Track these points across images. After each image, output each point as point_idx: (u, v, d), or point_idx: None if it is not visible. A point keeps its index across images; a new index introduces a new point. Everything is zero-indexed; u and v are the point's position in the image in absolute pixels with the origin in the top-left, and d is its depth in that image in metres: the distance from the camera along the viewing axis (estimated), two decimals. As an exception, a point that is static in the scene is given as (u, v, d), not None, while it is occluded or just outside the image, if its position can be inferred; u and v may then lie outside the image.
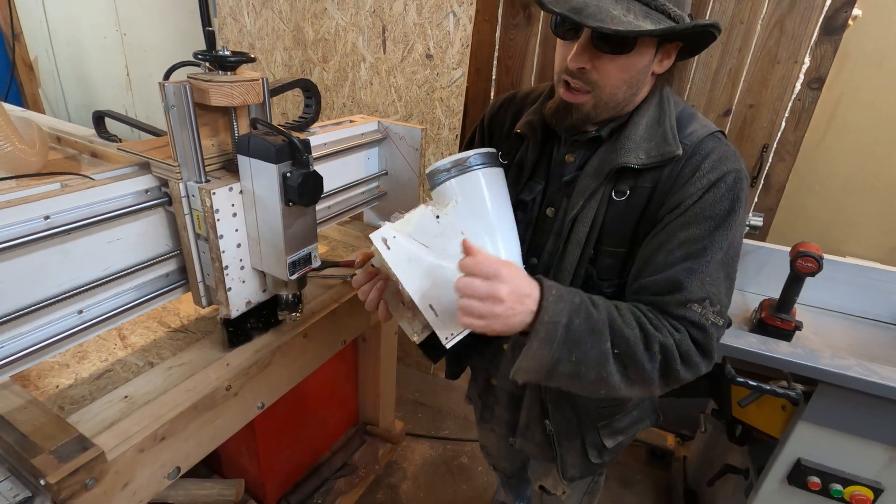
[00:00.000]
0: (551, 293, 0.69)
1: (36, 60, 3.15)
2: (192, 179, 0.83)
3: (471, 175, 0.82)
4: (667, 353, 0.71)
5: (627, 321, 0.72)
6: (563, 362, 0.70)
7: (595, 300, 0.73)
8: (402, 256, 0.73)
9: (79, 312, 0.81)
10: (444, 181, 0.81)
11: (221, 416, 0.92)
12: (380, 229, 0.73)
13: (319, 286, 1.23)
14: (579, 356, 0.69)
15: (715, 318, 0.74)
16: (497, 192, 0.85)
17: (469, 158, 0.82)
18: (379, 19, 1.84)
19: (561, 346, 0.69)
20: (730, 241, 0.75)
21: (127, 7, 2.63)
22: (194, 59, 0.82)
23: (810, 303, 1.49)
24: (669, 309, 0.74)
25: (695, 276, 0.74)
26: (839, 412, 1.14)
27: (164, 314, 1.09)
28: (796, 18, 1.47)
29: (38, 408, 0.78)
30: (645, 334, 0.71)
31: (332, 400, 1.68)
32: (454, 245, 0.77)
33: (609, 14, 0.67)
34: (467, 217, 0.80)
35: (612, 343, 0.70)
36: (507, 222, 0.86)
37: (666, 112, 0.80)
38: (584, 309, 0.70)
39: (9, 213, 0.68)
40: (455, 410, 2.20)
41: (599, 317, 0.70)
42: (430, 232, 0.78)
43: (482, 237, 0.81)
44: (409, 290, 0.73)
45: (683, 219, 0.76)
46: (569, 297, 0.70)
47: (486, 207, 0.83)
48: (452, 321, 0.75)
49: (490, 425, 1.21)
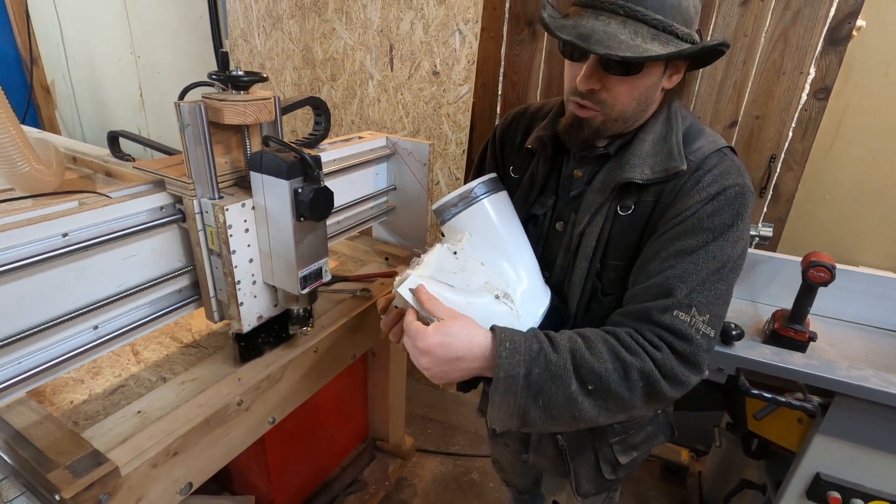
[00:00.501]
0: (505, 347, 0.70)
1: (53, 84, 3.23)
2: (205, 196, 0.84)
3: (478, 205, 0.84)
4: (648, 377, 0.70)
5: (598, 354, 0.71)
6: (531, 409, 0.71)
7: (557, 342, 0.72)
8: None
9: (94, 328, 0.82)
10: (454, 216, 0.84)
11: (233, 431, 0.92)
12: (406, 280, 0.74)
13: (330, 300, 1.23)
14: (546, 401, 0.70)
15: (704, 328, 0.72)
16: (506, 216, 0.87)
17: (473, 189, 0.84)
18: (386, 38, 1.87)
19: (524, 395, 0.70)
20: (728, 255, 0.74)
21: (141, 30, 2.71)
22: (209, 79, 0.84)
23: (823, 313, 1.47)
24: (653, 316, 0.73)
25: (684, 283, 0.73)
26: (858, 424, 1.12)
27: (176, 329, 1.10)
28: (800, 30, 1.48)
29: (53, 423, 0.79)
30: (621, 364, 0.70)
31: (342, 415, 1.68)
32: (477, 278, 0.80)
33: (617, 39, 0.68)
34: (482, 247, 0.83)
35: (580, 382, 0.70)
36: (520, 243, 0.87)
37: (673, 128, 0.81)
38: (542, 357, 0.70)
39: (29, 231, 0.70)
40: (465, 425, 2.18)
41: (559, 361, 0.70)
42: (451, 269, 0.80)
43: (500, 263, 0.83)
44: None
45: (680, 228, 0.75)
46: (526, 347, 0.70)
47: (498, 234, 0.85)
48: None
49: (503, 440, 1.20)
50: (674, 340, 0.72)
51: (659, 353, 0.71)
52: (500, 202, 0.87)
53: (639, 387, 0.71)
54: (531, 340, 0.71)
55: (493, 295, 0.80)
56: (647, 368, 0.70)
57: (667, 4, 0.70)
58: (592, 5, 0.71)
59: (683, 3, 0.71)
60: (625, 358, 0.70)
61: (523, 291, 0.83)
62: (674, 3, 0.70)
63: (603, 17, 0.70)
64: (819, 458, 1.19)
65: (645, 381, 0.70)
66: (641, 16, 0.69)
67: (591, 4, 0.72)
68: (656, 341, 0.72)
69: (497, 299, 0.80)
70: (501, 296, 0.80)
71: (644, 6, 0.69)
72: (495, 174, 0.90)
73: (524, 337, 0.72)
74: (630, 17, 0.69)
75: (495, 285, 0.81)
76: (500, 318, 0.78)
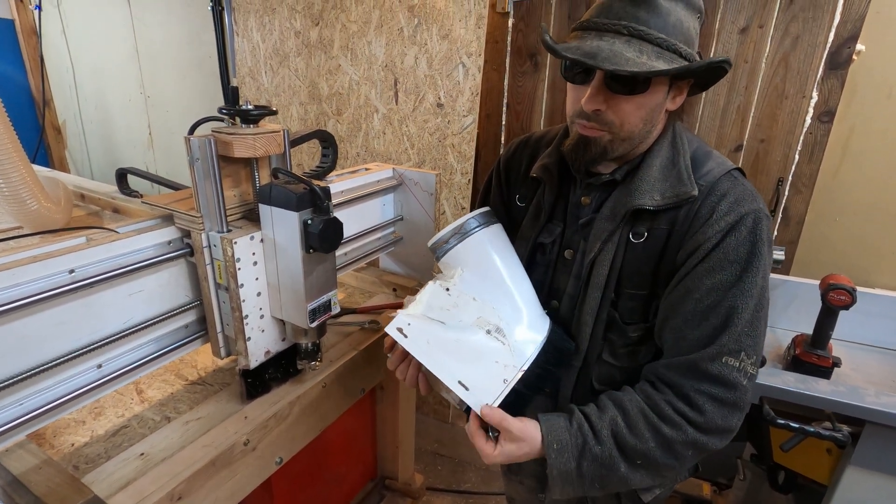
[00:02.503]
0: (553, 448, 0.74)
1: (64, 124, 3.31)
2: (214, 229, 0.83)
3: (471, 239, 0.84)
4: (693, 444, 0.73)
5: (639, 433, 0.74)
6: (589, 490, 0.77)
7: (599, 431, 0.75)
8: (421, 341, 0.74)
9: (98, 367, 0.80)
10: (447, 252, 0.84)
11: (239, 472, 0.89)
12: (394, 319, 0.74)
13: (337, 334, 1.21)
14: (601, 484, 0.76)
15: (752, 369, 0.73)
16: (500, 248, 0.86)
17: (466, 223, 0.84)
18: (391, 73, 1.91)
19: (580, 483, 0.75)
20: (760, 286, 0.73)
21: (151, 70, 2.78)
22: (219, 113, 0.85)
23: (845, 337, 1.43)
24: (701, 366, 0.73)
25: (730, 328, 0.73)
26: (892, 455, 1.07)
27: (181, 366, 1.08)
28: (800, 55, 1.50)
29: (52, 468, 0.75)
30: (662, 440, 0.73)
31: (350, 452, 1.62)
32: (469, 314, 0.79)
33: (623, 56, 0.68)
34: (475, 281, 0.82)
35: (628, 463, 0.75)
36: (516, 276, 0.86)
37: (680, 151, 0.80)
38: (587, 451, 0.74)
39: (35, 268, 0.69)
40: (477, 461, 2.11)
41: (604, 452, 0.74)
42: (443, 306, 0.79)
43: (495, 296, 0.82)
44: (435, 373, 0.73)
45: (707, 264, 0.74)
46: (571, 444, 0.75)
47: (491, 267, 0.84)
48: (485, 390, 0.75)
49: (518, 477, 1.15)
50: (720, 392, 0.73)
51: (701, 417, 0.73)
52: (493, 235, 0.86)
53: (686, 455, 0.74)
54: (576, 435, 0.75)
55: (485, 330, 0.79)
56: (691, 439, 0.73)
57: (669, 24, 0.70)
58: (595, 27, 0.72)
59: (685, 24, 0.72)
60: (665, 434, 0.73)
61: (517, 326, 0.82)
62: (676, 24, 0.70)
63: (607, 38, 0.70)
64: (852, 491, 1.13)
65: (691, 448, 0.74)
66: (645, 34, 0.69)
67: (593, 27, 0.72)
68: (698, 403, 0.73)
69: (489, 334, 0.79)
70: (493, 331, 0.79)
71: (647, 26, 0.69)
72: (488, 208, 0.90)
73: (569, 433, 0.75)
74: (634, 37, 0.69)
75: (487, 320, 0.80)
76: (492, 354, 0.78)
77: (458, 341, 0.76)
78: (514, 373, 0.78)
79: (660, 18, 0.69)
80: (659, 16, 0.69)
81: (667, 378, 0.76)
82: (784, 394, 1.10)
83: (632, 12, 0.69)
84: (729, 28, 1.55)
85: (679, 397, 0.74)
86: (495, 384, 0.76)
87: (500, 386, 0.76)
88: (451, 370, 0.74)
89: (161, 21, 2.63)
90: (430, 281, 0.82)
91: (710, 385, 0.72)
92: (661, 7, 0.69)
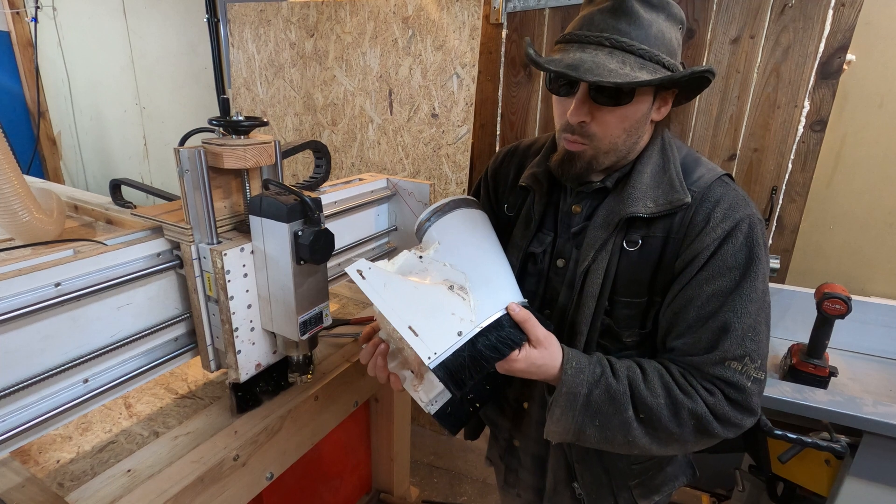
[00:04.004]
0: (571, 366, 0.74)
1: (59, 135, 3.30)
2: (203, 241, 0.83)
3: (448, 216, 0.85)
4: (700, 418, 0.72)
5: (653, 387, 0.74)
6: (587, 426, 0.75)
7: (617, 369, 0.75)
8: (377, 283, 0.73)
9: (84, 381, 0.78)
10: (427, 229, 0.84)
11: (228, 488, 0.87)
12: (356, 262, 0.74)
13: (330, 345, 1.20)
14: (602, 422, 0.74)
15: (756, 373, 0.73)
16: (477, 229, 0.86)
17: (447, 203, 0.86)
18: (385, 83, 1.91)
19: (582, 413, 0.74)
20: (759, 289, 0.74)
21: (147, 82, 2.79)
22: (209, 125, 0.84)
23: (841, 346, 1.42)
24: (706, 369, 0.74)
25: (731, 332, 0.73)
26: (891, 465, 1.05)
27: (171, 380, 1.06)
28: (791, 66, 1.51)
29: (36, 486, 0.74)
30: (672, 401, 0.73)
31: (344, 466, 1.60)
32: (436, 276, 0.78)
33: (606, 68, 0.68)
34: (449, 253, 0.81)
35: (635, 410, 0.73)
36: (494, 256, 0.85)
37: (670, 158, 0.80)
38: (603, 380, 0.74)
39: (20, 282, 0.68)
40: (473, 473, 2.09)
41: (619, 387, 0.74)
42: (413, 270, 0.78)
43: (466, 267, 0.80)
44: (384, 313, 0.70)
45: (706, 272, 0.75)
46: (589, 369, 0.74)
47: (467, 242, 0.84)
48: (436, 340, 0.70)
49: (515, 490, 1.13)
50: (727, 389, 0.73)
51: (712, 397, 0.73)
52: (471, 215, 0.87)
53: (689, 425, 0.73)
54: (595, 364, 0.75)
55: (448, 286, 0.76)
56: (699, 411, 0.72)
57: (651, 36, 0.70)
58: (578, 40, 0.72)
59: (667, 35, 0.72)
60: (677, 396, 0.73)
61: (483, 288, 0.78)
62: (657, 35, 0.71)
63: (590, 50, 0.70)
64: (851, 503, 1.12)
65: (696, 421, 0.73)
66: (628, 46, 0.69)
67: (576, 39, 0.72)
68: (710, 387, 0.74)
69: (451, 290, 0.76)
70: (456, 287, 0.77)
71: (629, 37, 0.69)
72: (474, 197, 0.91)
73: (588, 360, 0.76)
74: (616, 48, 0.69)
75: (453, 280, 0.78)
76: (450, 307, 0.74)
77: (416, 288, 0.74)
78: (470, 327, 0.73)
79: (641, 30, 0.70)
80: (640, 27, 0.70)
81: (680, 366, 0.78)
82: (781, 404, 1.09)
83: (613, 24, 0.70)
84: (721, 38, 1.56)
85: (694, 377, 0.75)
86: (448, 335, 0.71)
87: (452, 338, 0.71)
88: (403, 315, 0.70)
89: (157, 33, 2.64)
90: (405, 249, 0.81)
91: (717, 383, 0.74)
92: (643, 19, 0.70)
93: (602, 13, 0.71)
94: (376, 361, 0.80)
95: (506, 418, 1.02)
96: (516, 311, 0.74)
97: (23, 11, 3.00)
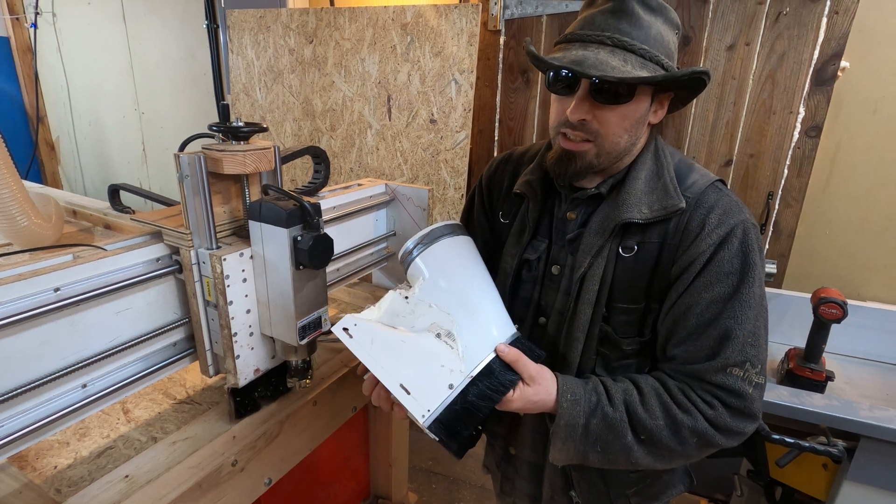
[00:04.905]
0: (566, 398, 0.75)
1: (58, 140, 3.31)
2: (203, 246, 0.83)
3: (434, 247, 0.83)
4: (701, 434, 0.73)
5: (651, 409, 0.74)
6: (590, 453, 0.76)
7: (613, 395, 0.76)
8: (364, 341, 0.72)
9: (83, 386, 0.78)
10: (412, 261, 0.83)
11: (227, 494, 0.87)
12: (341, 320, 0.73)
13: (329, 350, 1.20)
14: (604, 447, 0.75)
15: (757, 378, 0.74)
16: (464, 257, 0.85)
17: (431, 232, 0.84)
18: (384, 89, 1.93)
19: (583, 442, 0.75)
20: (757, 295, 0.74)
21: (146, 87, 2.79)
22: (209, 130, 0.85)
23: (837, 350, 1.43)
24: (708, 377, 0.74)
25: (732, 339, 0.73)
26: (887, 469, 1.06)
27: (169, 385, 1.06)
28: (786, 72, 1.52)
29: (33, 492, 0.74)
30: (672, 420, 0.73)
31: (342, 472, 1.59)
32: (424, 320, 0.77)
33: (609, 65, 0.69)
34: (435, 290, 0.80)
35: (634, 434, 0.74)
36: (478, 285, 0.84)
37: (664, 164, 0.81)
38: (600, 409, 0.75)
39: (19, 287, 0.68)
40: (471, 479, 2.08)
41: (615, 415, 0.74)
42: (400, 313, 0.78)
43: (451, 303, 0.80)
44: (374, 373, 0.71)
45: (703, 279, 0.75)
46: (585, 399, 0.75)
47: (453, 275, 0.82)
48: (428, 395, 0.71)
49: (511, 498, 1.13)
50: (727, 398, 0.73)
51: (712, 410, 0.73)
52: (458, 244, 0.85)
53: (692, 442, 0.73)
54: (590, 392, 0.76)
55: (435, 334, 0.77)
56: (700, 427, 0.73)
57: (651, 37, 0.72)
58: (580, 39, 0.73)
59: (665, 38, 0.74)
60: (676, 415, 0.73)
61: (471, 331, 0.79)
62: (657, 37, 0.72)
63: (592, 48, 0.71)
64: (850, 507, 1.12)
65: (698, 438, 0.73)
66: (629, 45, 0.71)
67: (577, 38, 0.73)
68: (709, 399, 0.74)
69: (438, 338, 0.76)
70: (444, 335, 0.77)
71: (630, 37, 0.71)
72: (457, 221, 0.90)
73: (584, 389, 0.76)
74: (618, 47, 0.71)
75: (440, 325, 0.77)
76: (438, 358, 0.75)
77: (403, 342, 0.73)
78: (460, 378, 0.74)
79: (641, 31, 0.71)
80: (640, 28, 0.71)
81: (675, 378, 0.78)
82: (779, 408, 1.09)
83: (614, 24, 0.71)
84: (716, 45, 1.58)
85: (692, 390, 0.75)
86: (439, 390, 0.72)
87: (444, 392, 0.72)
88: (392, 372, 0.71)
89: (156, 39, 2.65)
90: (391, 290, 0.81)
91: (718, 390, 0.74)
92: (643, 20, 0.71)
93: (603, 14, 0.72)
94: (379, 393, 0.80)
95: (502, 427, 1.02)
96: (506, 353, 0.75)
97: (22, 17, 3.01)
